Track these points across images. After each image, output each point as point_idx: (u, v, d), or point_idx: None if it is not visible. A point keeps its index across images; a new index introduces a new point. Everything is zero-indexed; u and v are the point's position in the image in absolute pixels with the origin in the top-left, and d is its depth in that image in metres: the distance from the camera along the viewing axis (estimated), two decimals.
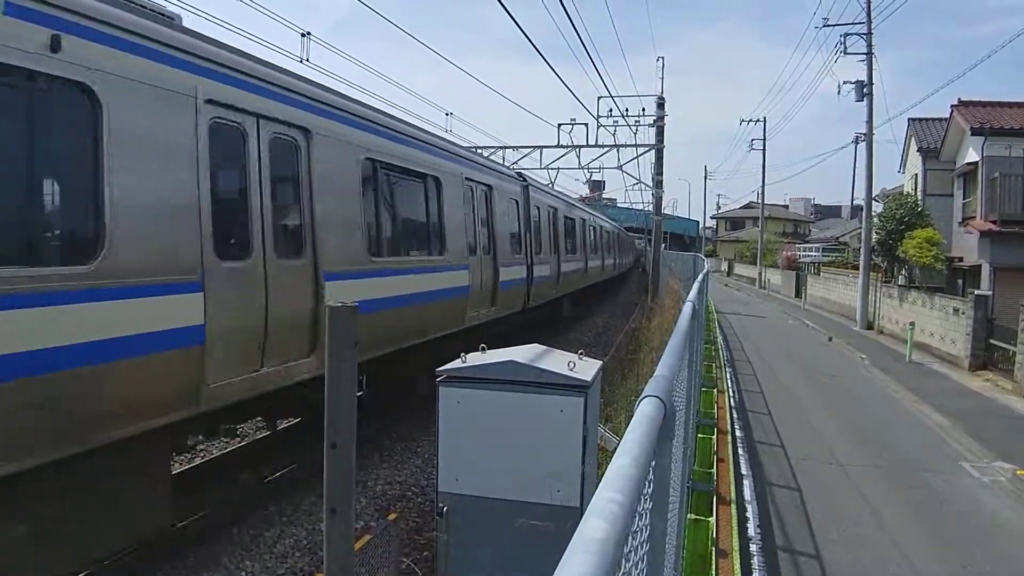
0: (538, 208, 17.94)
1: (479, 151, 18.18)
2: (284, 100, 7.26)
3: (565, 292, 21.50)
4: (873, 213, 29.96)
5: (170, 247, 5.66)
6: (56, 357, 4.64)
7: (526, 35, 11.23)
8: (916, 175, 31.11)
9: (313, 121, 7.71)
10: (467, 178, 12.56)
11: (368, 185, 8.96)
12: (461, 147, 14.45)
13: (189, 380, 5.81)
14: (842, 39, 30.76)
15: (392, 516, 7.76)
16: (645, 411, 1.69)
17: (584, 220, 26.65)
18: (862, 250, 29.83)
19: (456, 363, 5.72)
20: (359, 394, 4.35)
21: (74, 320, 4.77)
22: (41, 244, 4.97)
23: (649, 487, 1.61)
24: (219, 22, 27.12)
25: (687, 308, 5.83)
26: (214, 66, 6.27)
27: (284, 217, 7.34)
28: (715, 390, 13.76)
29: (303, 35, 14.48)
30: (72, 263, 4.85)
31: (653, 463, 1.60)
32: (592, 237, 28.54)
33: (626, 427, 5.83)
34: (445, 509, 5.56)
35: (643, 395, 1.86)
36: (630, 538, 1.23)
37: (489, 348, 6.01)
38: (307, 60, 14.37)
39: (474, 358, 5.77)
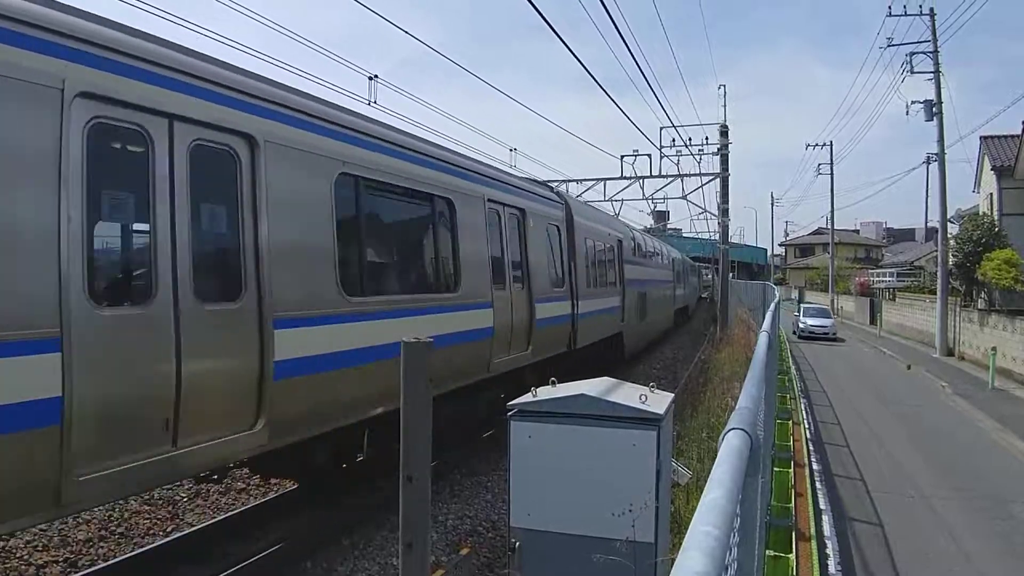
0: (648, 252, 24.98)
1: (545, 183, 18.84)
2: (514, 194, 12.33)
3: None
4: (949, 235, 29.04)
5: (480, 283, 10.34)
6: (451, 338, 9.16)
7: (590, 73, 11.45)
8: (991, 194, 30.14)
9: (528, 204, 12.77)
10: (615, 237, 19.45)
11: (551, 240, 13.93)
12: (603, 212, 22.82)
13: (485, 357, 10.41)
14: (908, 58, 30.16)
15: (464, 551, 7.74)
16: (732, 444, 1.66)
17: (675, 258, 33.86)
18: (939, 273, 28.90)
19: (526, 397, 5.72)
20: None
21: (450, 320, 9.24)
22: (451, 282, 9.62)
23: (736, 521, 1.58)
24: (292, 69, 28.02)
25: (763, 338, 5.73)
26: (489, 180, 11.37)
27: (516, 263, 12.01)
28: (790, 422, 13.42)
29: (370, 78, 14.85)
30: (452, 292, 9.55)
31: (740, 497, 1.57)
32: (670, 270, 32.10)
33: (700, 461, 5.75)
34: (517, 544, 5.52)
35: (728, 427, 1.83)
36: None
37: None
38: (374, 102, 14.70)
39: (545, 392, 5.76)
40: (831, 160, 57.87)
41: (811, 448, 13.08)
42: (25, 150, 4.35)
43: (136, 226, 5.46)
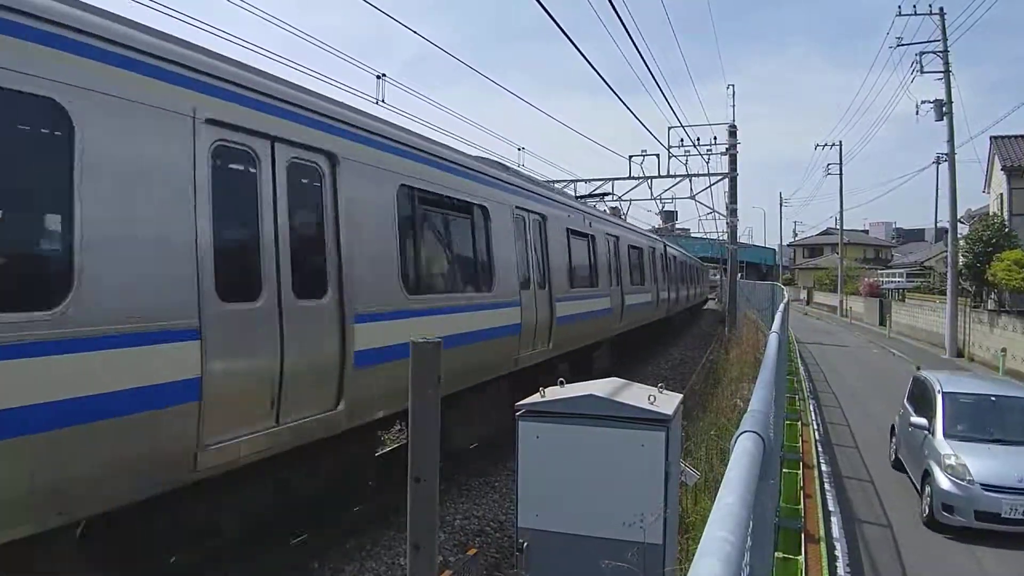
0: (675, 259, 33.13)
1: (552, 184, 19.09)
2: (645, 238, 25.19)
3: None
4: (959, 235, 28.91)
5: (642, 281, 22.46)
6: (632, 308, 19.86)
7: (599, 75, 11.43)
8: (1001, 194, 30.03)
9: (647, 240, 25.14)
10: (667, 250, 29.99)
11: (661, 262, 26.11)
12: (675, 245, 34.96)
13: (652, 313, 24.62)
14: (917, 58, 30.06)
15: (472, 552, 7.73)
16: (745, 447, 1.64)
17: (698, 268, 45.00)
18: (948, 274, 28.78)
19: (535, 397, 5.70)
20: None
21: (641, 296, 22.44)
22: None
23: (750, 526, 1.56)
24: (299, 67, 28.06)
25: (773, 339, 5.70)
26: (664, 241, 29.84)
27: (667, 275, 27.58)
28: (799, 423, 13.36)
29: (378, 77, 14.87)
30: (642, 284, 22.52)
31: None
32: (681, 271, 36.83)
33: (708, 461, 5.70)
34: (525, 545, 5.51)
35: (740, 430, 1.81)
36: None
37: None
38: (382, 101, 14.72)
39: (553, 392, 5.73)
40: (840, 160, 57.58)
41: (819, 449, 13.03)
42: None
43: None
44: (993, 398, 11.02)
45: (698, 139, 31.06)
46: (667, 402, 5.58)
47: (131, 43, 4.88)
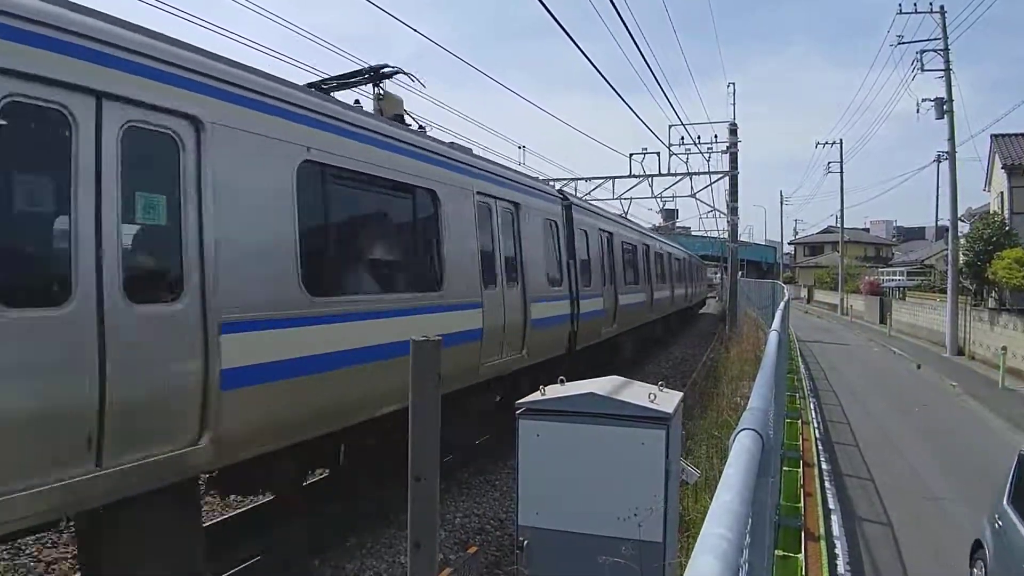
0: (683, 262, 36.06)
1: (551, 182, 18.97)
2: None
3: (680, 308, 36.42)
4: (959, 234, 28.86)
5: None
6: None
7: (600, 73, 11.50)
8: (1002, 193, 29.98)
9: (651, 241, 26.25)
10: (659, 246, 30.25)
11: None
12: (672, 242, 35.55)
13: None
14: (918, 56, 30.05)
15: (472, 550, 7.74)
16: (744, 444, 1.65)
17: (698, 266, 45.24)
18: (949, 273, 28.75)
19: (535, 396, 5.71)
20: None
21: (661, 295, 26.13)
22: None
23: (748, 523, 1.57)
24: (302, 65, 28.06)
25: (773, 337, 5.70)
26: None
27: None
28: (799, 421, 13.37)
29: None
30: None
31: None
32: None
33: (709, 459, 5.70)
34: (525, 543, 5.51)
35: (739, 428, 1.82)
36: None
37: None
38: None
39: (553, 390, 5.74)
40: (840, 158, 57.54)
41: (820, 447, 13.03)
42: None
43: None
44: None
45: (699, 137, 31.03)
46: (667, 400, 5.59)
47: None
